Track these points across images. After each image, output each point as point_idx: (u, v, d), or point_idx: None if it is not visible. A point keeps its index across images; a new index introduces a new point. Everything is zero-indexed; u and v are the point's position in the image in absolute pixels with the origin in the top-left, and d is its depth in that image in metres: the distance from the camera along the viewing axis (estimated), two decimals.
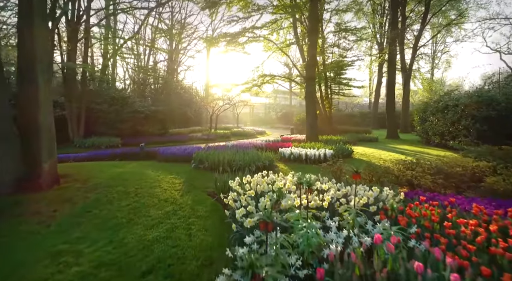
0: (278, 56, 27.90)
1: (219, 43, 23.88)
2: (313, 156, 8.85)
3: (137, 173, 6.47)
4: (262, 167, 7.61)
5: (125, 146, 15.28)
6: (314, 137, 13.17)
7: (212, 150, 8.84)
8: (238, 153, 8.44)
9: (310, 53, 12.93)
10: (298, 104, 53.82)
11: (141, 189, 5.26)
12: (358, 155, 10.63)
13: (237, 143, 12.64)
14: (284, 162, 9.03)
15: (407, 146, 14.60)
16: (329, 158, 9.03)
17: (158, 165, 8.05)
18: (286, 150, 9.39)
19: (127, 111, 17.20)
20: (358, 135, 18.27)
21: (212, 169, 7.44)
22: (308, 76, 12.99)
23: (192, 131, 25.40)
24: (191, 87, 32.09)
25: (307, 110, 13.23)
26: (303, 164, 8.65)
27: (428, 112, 15.16)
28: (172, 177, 6.44)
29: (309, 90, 13.10)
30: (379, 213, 3.29)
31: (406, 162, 6.55)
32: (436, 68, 34.60)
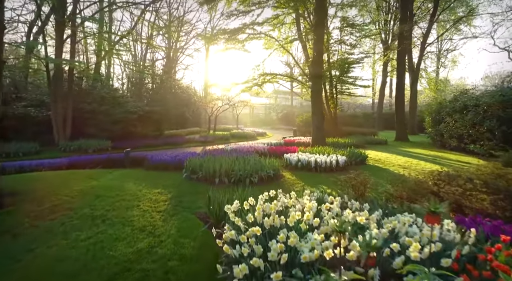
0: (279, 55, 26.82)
1: (218, 40, 22.74)
2: (324, 163, 7.70)
3: (114, 188, 5.30)
4: (266, 178, 6.47)
5: (116, 149, 14.11)
6: (321, 140, 12.02)
7: (208, 156, 7.69)
8: (237, 160, 7.29)
9: (316, 48, 11.80)
10: (299, 104, 52.68)
11: (112, 212, 4.09)
12: (372, 161, 9.48)
13: (236, 147, 11.50)
14: (290, 170, 7.88)
15: (421, 150, 13.46)
16: (342, 165, 7.90)
17: (144, 175, 6.89)
18: (292, 157, 8.23)
19: (119, 112, 16.03)
20: (366, 138, 17.14)
21: (207, 180, 6.29)
22: (314, 73, 11.86)
23: (189, 132, 24.25)
24: (189, 87, 30.95)
25: (313, 111, 12.09)
26: (312, 173, 7.50)
27: (443, 113, 14.03)
28: (157, 191, 5.28)
29: (315, 88, 11.96)
30: (453, 267, 2.14)
31: (442, 174, 5.39)
32: (442, 67, 33.46)
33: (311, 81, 12.27)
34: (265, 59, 21.21)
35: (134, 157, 8.35)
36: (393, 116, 35.83)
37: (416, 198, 4.66)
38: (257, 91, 21.09)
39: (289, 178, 6.94)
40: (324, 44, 18.75)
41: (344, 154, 8.80)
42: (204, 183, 6.17)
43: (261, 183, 6.29)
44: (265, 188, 6.21)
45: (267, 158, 8.10)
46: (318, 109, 12.01)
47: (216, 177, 6.23)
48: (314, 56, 11.77)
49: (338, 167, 7.81)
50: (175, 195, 5.13)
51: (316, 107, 12.04)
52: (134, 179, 6.21)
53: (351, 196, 4.69)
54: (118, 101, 16.56)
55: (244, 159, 7.36)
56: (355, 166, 8.45)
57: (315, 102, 12.01)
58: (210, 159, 7.25)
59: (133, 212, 4.14)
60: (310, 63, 12.37)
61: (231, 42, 22.01)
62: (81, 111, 15.01)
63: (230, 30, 20.68)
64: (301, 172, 7.60)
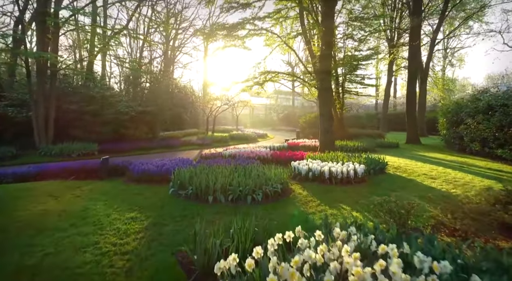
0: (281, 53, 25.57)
1: (217, 36, 21.58)
2: (340, 174, 6.44)
3: (73, 213, 4.05)
4: (272, 193, 5.21)
5: (103, 153, 12.81)
6: (330, 144, 10.78)
7: (201, 165, 6.43)
8: (236, 170, 6.04)
9: (325, 41, 10.56)
10: (300, 105, 51.48)
11: (53, 258, 2.83)
12: (392, 169, 8.23)
13: (235, 152, 10.24)
14: (300, 182, 6.62)
15: (439, 154, 12.21)
16: (361, 176, 6.64)
17: (122, 190, 5.63)
18: (301, 165, 6.97)
19: (108, 112, 14.78)
20: (376, 140, 15.90)
21: (198, 198, 5.03)
22: (323, 69, 10.62)
23: (186, 134, 23.01)
24: (187, 86, 29.69)
25: (321, 112, 10.85)
26: (326, 186, 6.24)
27: (462, 114, 12.78)
28: (131, 216, 4.03)
29: (324, 86, 10.72)
30: None
31: (501, 194, 4.13)
32: (449, 66, 32.26)
33: (319, 78, 11.03)
34: (267, 56, 19.90)
35: (115, 166, 7.08)
36: (398, 116, 34.82)
37: (480, 229, 3.40)
38: (258, 91, 19.86)
39: (299, 193, 5.68)
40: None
41: (361, 161, 7.54)
42: (194, 201, 4.92)
43: (266, 200, 5.04)
44: (271, 209, 4.96)
45: (271, 166, 6.86)
46: (327, 110, 10.76)
47: (209, 193, 4.97)
48: (322, 49, 10.54)
49: (356, 178, 6.55)
50: (154, 222, 3.87)
51: (325, 108, 10.79)
52: (106, 197, 4.95)
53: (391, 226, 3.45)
54: (108, 101, 15.30)
55: (244, 169, 6.11)
56: (374, 176, 7.21)
57: (324, 102, 10.76)
58: (203, 169, 6.00)
59: (84, 256, 2.87)
60: (318, 58, 11.15)
61: (230, 38, 20.79)
62: (66, 112, 13.75)
63: (230, 25, 19.45)
64: (313, 185, 6.35)
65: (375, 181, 6.74)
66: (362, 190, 5.94)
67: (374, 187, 6.17)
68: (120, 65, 23.37)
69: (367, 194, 5.64)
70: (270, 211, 4.61)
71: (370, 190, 5.92)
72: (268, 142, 20.55)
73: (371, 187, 6.19)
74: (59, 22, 12.20)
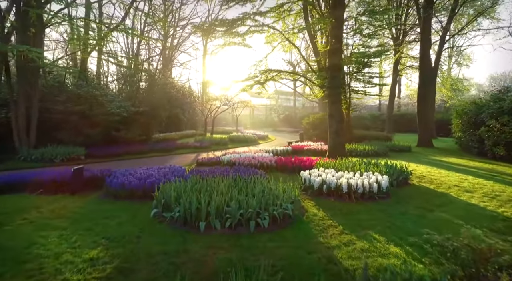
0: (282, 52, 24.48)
1: (216, 32, 20.51)
2: (361, 187, 5.34)
3: (8, 253, 2.93)
4: (282, 216, 4.12)
5: (91, 158, 11.79)
6: (340, 149, 9.67)
7: (194, 177, 5.32)
8: (237, 183, 4.95)
9: (335, 34, 9.48)
10: (301, 105, 50.40)
11: None
12: (416, 179, 7.13)
13: (235, 158, 9.13)
14: (312, 197, 5.51)
15: (459, 160, 11.12)
16: (386, 190, 5.54)
17: (93, 210, 4.52)
18: (313, 177, 5.87)
19: (98, 113, 13.67)
20: (386, 143, 14.80)
21: (187, 223, 3.93)
22: (332, 65, 9.53)
23: (184, 136, 21.92)
24: (185, 86, 28.59)
25: (331, 112, 9.75)
26: (345, 203, 5.13)
27: (483, 115, 11.70)
28: (91, 257, 2.93)
29: (333, 84, 9.63)
30: None
31: None
32: (456, 65, 31.17)
33: (328, 76, 9.94)
34: (269, 54, 18.83)
35: (92, 176, 5.97)
36: (403, 117, 33.76)
37: None
38: (259, 91, 18.79)
39: (314, 214, 4.57)
40: None
41: (383, 171, 6.44)
42: (182, 228, 3.82)
43: (273, 226, 3.94)
44: (280, 239, 3.53)
45: (276, 175, 5.76)
46: (337, 111, 9.67)
47: (201, 218, 3.87)
48: (332, 44, 9.44)
49: (380, 193, 5.45)
50: (120, 267, 2.77)
51: (334, 108, 9.70)
52: (67, 223, 3.85)
53: None
54: (98, 101, 14.18)
55: (246, 183, 5.01)
56: (398, 189, 6.11)
57: (333, 102, 9.67)
58: (195, 183, 4.90)
59: None
60: (327, 53, 10.06)
61: (230, 35, 19.72)
62: (51, 112, 12.64)
63: (229, 20, 18.39)
64: (329, 201, 5.24)
65: (401, 196, 5.64)
66: (390, 209, 4.84)
67: (404, 205, 5.07)
68: (114, 63, 22.28)
69: (398, 215, 4.55)
70: (279, 243, 3.51)
71: (399, 209, 4.82)
72: (270, 144, 19.46)
73: (400, 205, 5.08)
74: (42, 14, 11.12)
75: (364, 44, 15.53)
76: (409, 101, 44.65)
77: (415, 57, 29.86)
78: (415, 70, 30.82)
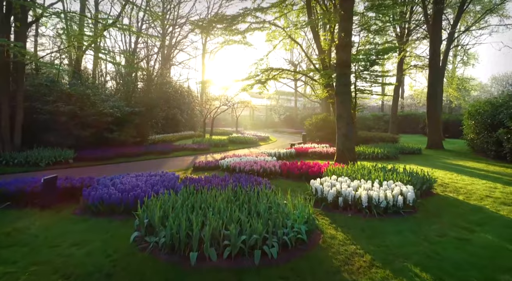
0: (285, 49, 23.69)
1: (215, 30, 19.76)
2: (384, 201, 4.52)
3: None
4: (294, 242, 3.29)
5: (81, 161, 11.00)
6: (350, 152, 8.85)
7: (186, 189, 4.50)
8: (237, 197, 4.14)
9: (343, 27, 8.67)
10: (302, 106, 49.58)
11: None
12: (440, 188, 6.31)
13: (235, 162, 8.31)
14: (326, 211, 4.69)
15: (476, 164, 10.32)
16: (412, 203, 4.73)
17: (60, 234, 3.70)
18: (326, 187, 5.06)
19: (89, 113, 12.85)
20: (395, 145, 13.99)
21: (175, 252, 3.11)
22: (341, 61, 8.73)
23: (182, 137, 21.12)
24: (183, 86, 27.76)
25: (339, 113, 8.94)
26: (367, 220, 4.32)
27: (501, 115, 10.90)
28: None
29: (342, 82, 8.82)
30: None
31: None
32: (462, 64, 30.33)
33: (337, 73, 9.12)
34: (270, 51, 18.05)
35: (70, 186, 5.14)
36: (406, 118, 32.89)
37: None
38: (260, 90, 18.01)
39: (332, 236, 3.74)
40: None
41: (404, 179, 5.62)
42: (167, 260, 3.00)
43: (284, 255, 3.13)
44: (294, 276, 2.52)
45: (279, 182, 4.96)
46: (346, 111, 8.85)
47: (193, 246, 3.05)
48: (341, 38, 8.63)
49: (406, 206, 4.64)
50: None
51: (343, 108, 8.88)
52: (21, 253, 3.02)
53: None
54: (90, 100, 13.36)
55: (248, 196, 4.20)
56: (422, 200, 5.28)
57: (342, 101, 8.86)
58: (187, 197, 4.08)
59: None
60: (335, 49, 9.24)
61: (230, 33, 18.99)
62: (38, 112, 11.83)
63: (229, 16, 17.65)
64: (347, 217, 4.42)
65: (430, 210, 4.82)
66: (423, 228, 4.02)
67: (436, 223, 4.25)
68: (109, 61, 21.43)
69: (434, 237, 3.73)
70: None
71: (434, 229, 3.99)
72: (271, 146, 18.65)
73: (431, 222, 4.26)
74: (26, 6, 10.32)
75: (371, 41, 14.76)
76: (412, 101, 43.97)
77: (420, 56, 29.08)
78: (419, 69, 30.06)
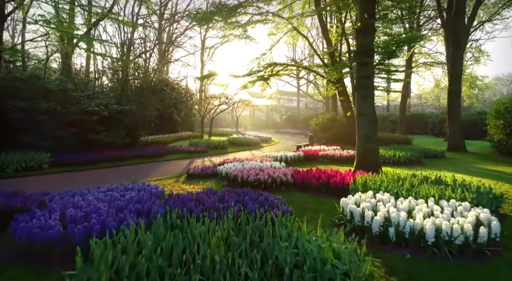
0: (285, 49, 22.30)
1: (214, 23, 18.33)
2: (460, 236, 3.05)
3: None
4: None
5: (58, 166, 9.52)
6: (373, 157, 7.38)
7: (167, 216, 3.03)
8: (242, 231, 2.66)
9: (365, 8, 7.21)
10: (304, 106, 48.11)
11: None
12: (509, 208, 4.83)
13: (236, 170, 6.83)
14: (371, 248, 3.23)
15: None
16: (499, 237, 3.24)
17: None
18: (365, 208, 3.58)
19: (71, 112, 11.40)
20: (415, 147, 12.53)
21: None
22: (363, 48, 7.27)
23: (178, 138, 19.63)
24: (180, 84, 26.28)
25: (360, 110, 7.48)
26: (440, 265, 2.85)
27: None
28: None
29: (364, 73, 7.37)
30: None
31: None
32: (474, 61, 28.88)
33: (356, 63, 7.66)
34: (273, 45, 16.66)
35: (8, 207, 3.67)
36: (413, 118, 31.35)
37: None
38: (262, 87, 16.58)
39: None
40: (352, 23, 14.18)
41: (469, 196, 4.16)
42: None
43: None
44: None
45: (292, 196, 3.49)
46: (368, 108, 7.39)
47: None
48: (363, 20, 7.17)
49: (491, 243, 3.16)
50: None
51: (364, 105, 7.42)
52: None
53: None
54: (73, 97, 11.90)
55: (259, 230, 2.72)
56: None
57: (364, 96, 7.39)
58: (159, 237, 2.59)
59: None
60: (355, 33, 7.78)
61: (230, 26, 17.52)
62: (12, 111, 10.36)
63: (229, 7, 16.16)
64: (404, 259, 2.96)
65: None
66: None
67: None
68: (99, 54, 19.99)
69: None
70: None
71: None
72: (275, 148, 17.19)
73: None
74: None
75: (386, 32, 13.31)
76: (418, 101, 42.50)
77: (428, 53, 27.66)
78: (428, 67, 28.68)
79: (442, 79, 30.55)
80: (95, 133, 12.11)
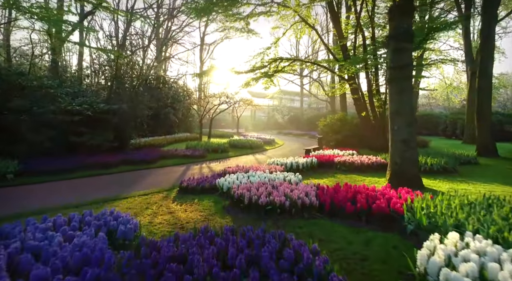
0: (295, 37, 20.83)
1: (213, 14, 16.80)
2: None
3: None
4: None
5: (27, 176, 8.01)
6: (412, 169, 5.85)
7: None
8: None
9: None
10: (307, 106, 46.51)
11: None
12: None
13: (243, 189, 5.30)
14: None
15: None
16: None
17: None
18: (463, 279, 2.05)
19: (49, 111, 9.88)
20: (440, 152, 11.00)
21: None
22: (399, 32, 5.77)
23: (174, 140, 18.11)
24: (177, 82, 24.76)
25: (396, 108, 5.97)
26: None
27: None
28: None
29: (400, 63, 5.87)
30: None
31: None
32: None
33: (390, 49, 6.15)
34: (279, 38, 15.16)
35: None
36: (422, 118, 29.70)
37: None
38: (266, 85, 15.10)
39: None
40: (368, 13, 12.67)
41: None
42: None
43: None
44: None
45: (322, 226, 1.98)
46: (405, 105, 5.88)
47: None
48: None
49: None
50: None
51: (400, 101, 5.90)
52: None
53: None
54: (50, 94, 10.39)
55: None
56: None
57: (401, 92, 5.88)
58: None
59: None
60: (389, 14, 6.27)
61: (230, 18, 16.05)
62: None
63: None
64: None
65: None
66: None
67: None
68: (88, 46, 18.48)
69: None
70: None
71: None
72: (280, 151, 15.67)
73: None
74: None
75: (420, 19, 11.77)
76: (426, 101, 40.94)
77: (440, 50, 26.13)
78: (439, 65, 27.18)
79: (454, 78, 29.05)
80: (77, 135, 10.58)
